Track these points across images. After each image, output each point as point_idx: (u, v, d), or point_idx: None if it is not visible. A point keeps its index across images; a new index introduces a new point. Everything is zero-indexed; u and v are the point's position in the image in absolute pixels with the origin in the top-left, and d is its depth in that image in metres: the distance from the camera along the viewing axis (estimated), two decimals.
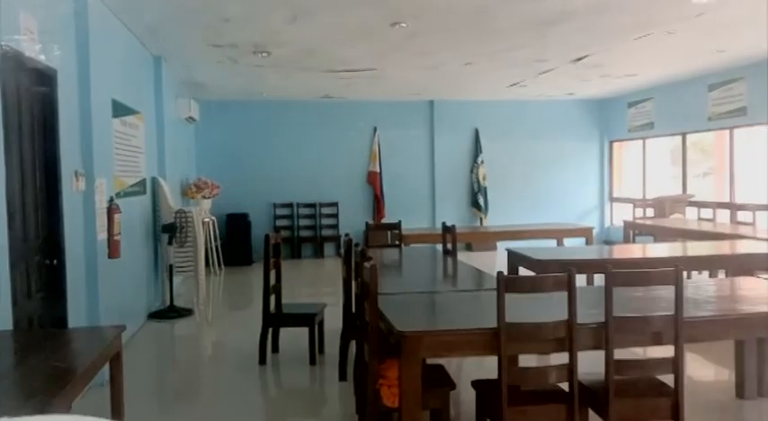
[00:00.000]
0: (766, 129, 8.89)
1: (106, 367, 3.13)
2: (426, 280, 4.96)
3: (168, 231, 6.84)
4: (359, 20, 6.06)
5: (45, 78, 4.08)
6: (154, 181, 7.13)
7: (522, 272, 5.28)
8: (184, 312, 6.92)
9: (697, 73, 9.56)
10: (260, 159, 11.54)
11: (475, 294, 3.89)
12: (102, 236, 4.90)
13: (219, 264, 10.17)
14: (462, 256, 7.00)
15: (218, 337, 6.51)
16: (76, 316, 4.34)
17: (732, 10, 5.91)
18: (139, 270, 6.45)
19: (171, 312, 6.84)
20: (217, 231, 10.17)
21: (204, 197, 9.55)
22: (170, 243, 6.86)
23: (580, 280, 5.00)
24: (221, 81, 9.39)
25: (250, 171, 11.46)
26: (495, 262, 9.45)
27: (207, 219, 9.50)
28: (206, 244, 9.13)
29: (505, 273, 5.52)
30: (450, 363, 4.75)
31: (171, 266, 6.96)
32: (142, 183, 6.60)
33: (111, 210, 5.03)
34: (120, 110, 5.73)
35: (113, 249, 5.04)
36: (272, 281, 5.14)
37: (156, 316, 6.76)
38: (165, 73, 7.73)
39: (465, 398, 3.95)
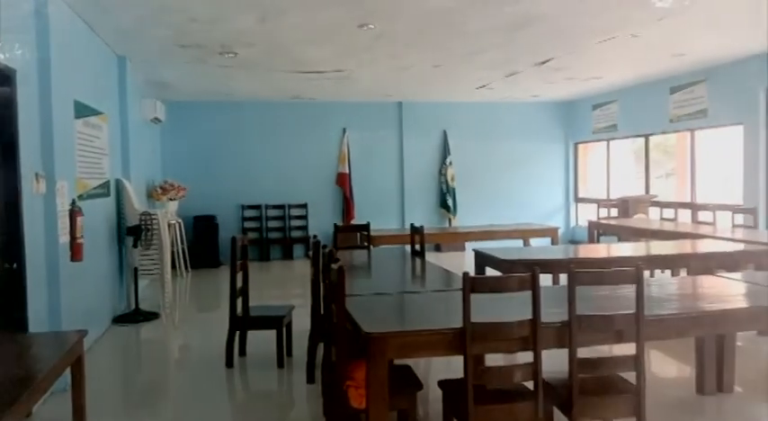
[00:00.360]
0: (726, 131, 9.13)
1: (68, 372, 3.08)
2: (394, 281, 4.97)
3: (133, 234, 6.73)
4: (326, 21, 6.06)
5: (3, 78, 3.99)
6: (118, 183, 7.02)
7: (490, 272, 5.34)
8: (150, 316, 6.82)
9: (659, 76, 9.77)
10: (228, 161, 11.44)
11: (442, 295, 3.91)
12: (65, 239, 4.81)
13: (186, 267, 10.05)
14: (431, 257, 7.04)
15: (184, 341, 6.43)
16: (37, 320, 4.25)
17: (693, 14, 6.06)
18: (103, 273, 6.34)
19: (136, 316, 6.73)
20: (183, 233, 10.06)
21: (170, 199, 9.43)
22: (135, 246, 6.76)
23: (546, 279, 5.07)
24: (188, 82, 9.29)
25: (218, 172, 11.36)
26: (464, 262, 9.53)
27: (173, 222, 9.38)
28: (172, 246, 9.01)
29: (473, 273, 5.60)
30: (419, 364, 4.78)
31: (136, 269, 6.86)
32: (106, 185, 6.49)
33: (74, 213, 4.94)
34: (82, 110, 5.63)
35: (76, 252, 4.94)
36: (240, 283, 5.10)
37: (121, 320, 6.65)
38: (130, 73, 7.61)
39: (433, 398, 3.98)
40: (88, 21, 5.87)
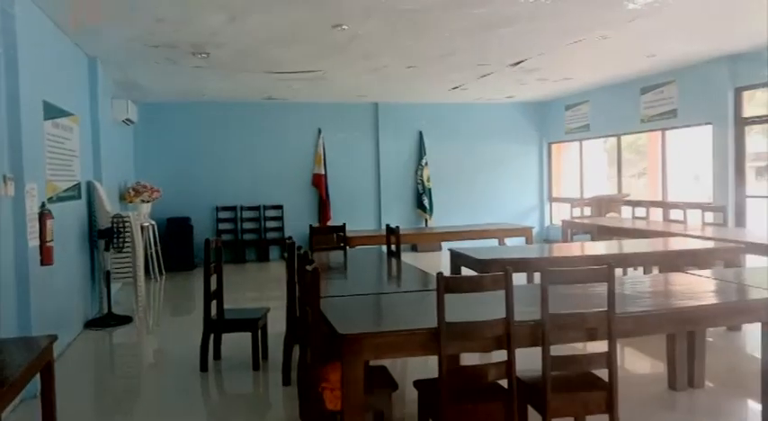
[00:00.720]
0: (696, 131, 9.29)
1: (38, 378, 3.03)
2: (370, 282, 4.97)
3: (105, 236, 6.64)
4: (299, 22, 6.04)
5: None
6: (89, 185, 6.92)
7: (465, 271, 5.36)
8: (123, 320, 6.73)
9: (630, 76, 9.91)
10: (202, 162, 11.34)
11: (417, 295, 3.92)
12: (34, 242, 4.72)
13: (160, 270, 9.94)
14: (408, 257, 7.06)
15: (158, 345, 6.35)
16: (7, 325, 4.17)
17: (662, 16, 6.15)
18: (75, 277, 6.24)
19: (109, 320, 6.64)
20: (157, 236, 9.94)
21: (143, 201, 9.32)
22: (107, 249, 6.66)
23: (521, 278, 5.12)
24: (160, 82, 9.19)
25: (192, 174, 11.26)
26: (441, 262, 9.58)
27: (146, 224, 9.27)
28: (145, 249, 8.91)
29: (449, 273, 5.63)
30: (396, 364, 4.79)
31: (108, 273, 6.76)
32: (77, 187, 6.38)
33: (44, 216, 4.85)
34: (52, 112, 5.53)
35: (46, 256, 4.86)
36: (214, 286, 5.05)
37: (93, 324, 6.55)
38: (101, 74, 7.50)
39: (409, 399, 3.98)
40: (56, 20, 5.77)
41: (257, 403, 4.52)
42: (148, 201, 9.48)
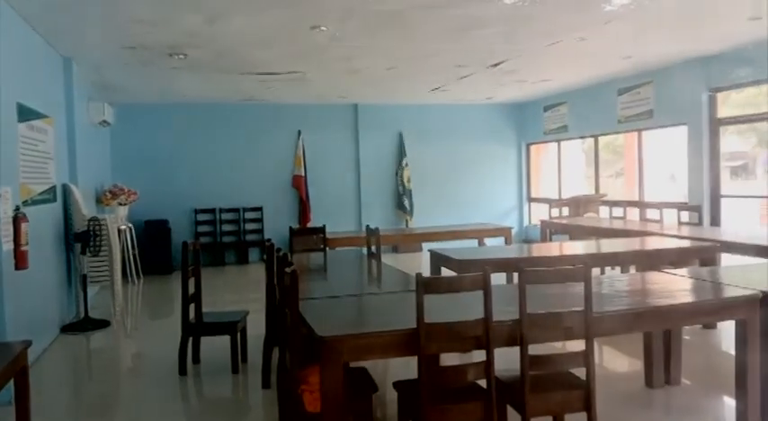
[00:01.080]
0: (671, 131, 9.42)
1: (12, 384, 2.98)
2: (350, 283, 4.96)
3: (81, 240, 6.55)
4: (278, 23, 6.02)
5: None
6: (65, 188, 6.83)
7: (445, 272, 5.37)
8: (100, 324, 6.65)
9: (607, 78, 10.02)
10: (180, 164, 11.25)
11: (397, 296, 3.92)
12: (8, 246, 4.65)
13: (138, 273, 9.83)
14: (389, 258, 7.06)
15: (136, 349, 6.28)
16: None
17: (638, 18, 6.23)
18: (50, 281, 6.15)
19: (86, 324, 6.55)
20: (134, 239, 9.83)
21: (120, 204, 9.21)
22: (83, 252, 6.58)
23: (500, 278, 5.15)
24: (137, 83, 9.10)
25: (170, 176, 11.16)
26: (421, 263, 9.59)
27: (123, 227, 9.17)
28: (123, 252, 8.82)
29: (429, 273, 5.64)
30: (377, 366, 4.79)
31: (85, 276, 6.67)
32: (52, 190, 6.30)
33: (18, 219, 4.78)
34: (26, 114, 5.45)
35: (21, 260, 4.79)
36: (192, 289, 5.01)
37: (69, 328, 6.47)
38: (76, 75, 7.41)
39: (390, 400, 3.98)
40: (30, 20, 5.69)
41: (236, 407, 4.49)
42: (125, 204, 9.38)
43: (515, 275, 5.52)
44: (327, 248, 6.84)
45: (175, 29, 6.13)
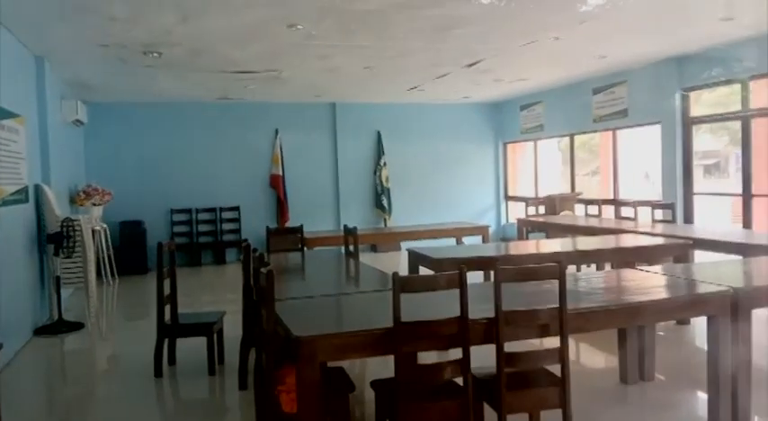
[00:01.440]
0: (645, 130, 9.54)
1: None
2: (327, 283, 4.94)
3: (54, 241, 6.45)
4: (254, 21, 5.98)
5: None
6: (37, 188, 6.72)
7: (423, 271, 5.39)
8: (74, 326, 6.55)
9: (582, 77, 10.11)
10: (156, 163, 11.13)
11: (375, 295, 3.91)
12: None
13: (113, 274, 9.71)
14: (368, 257, 7.06)
15: (111, 351, 6.21)
16: None
17: (612, 18, 6.29)
18: (22, 283, 6.05)
19: (59, 327, 6.45)
20: (109, 240, 9.70)
21: (94, 204, 9.08)
22: (56, 254, 6.48)
23: (477, 276, 5.17)
24: (111, 82, 8.98)
25: (145, 176, 11.04)
26: (400, 262, 9.59)
27: (98, 228, 9.04)
28: (97, 253, 8.70)
29: (407, 272, 5.64)
30: (355, 365, 4.79)
31: (58, 278, 6.57)
32: (24, 190, 6.19)
33: None
34: None
35: None
36: (168, 290, 4.96)
37: (43, 331, 6.36)
38: (49, 74, 7.30)
39: (369, 399, 3.98)
40: (0, 19, 5.59)
41: (213, 408, 4.46)
42: (100, 205, 9.25)
43: (492, 273, 5.56)
44: (305, 248, 6.81)
45: (150, 27, 6.06)
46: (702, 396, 3.80)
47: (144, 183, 10.99)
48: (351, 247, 6.02)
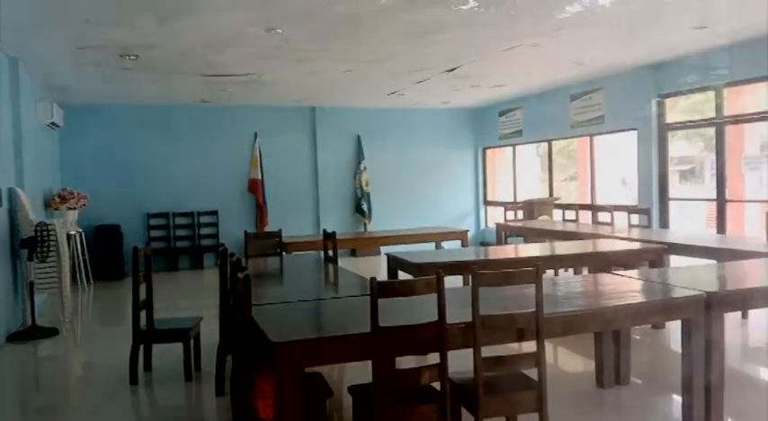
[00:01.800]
0: (622, 136, 9.66)
1: None
2: (306, 288, 4.92)
3: (28, 246, 6.35)
4: (232, 24, 5.95)
5: None
6: (11, 192, 6.61)
7: (402, 275, 5.39)
8: (49, 332, 6.45)
9: (560, 84, 10.22)
10: (133, 167, 11.00)
11: (353, 300, 3.90)
12: None
13: (88, 280, 9.58)
14: (347, 262, 7.04)
15: (86, 357, 6.11)
16: None
17: (589, 26, 6.37)
18: None
19: (33, 332, 6.35)
20: (84, 244, 9.57)
21: (69, 208, 8.96)
22: (30, 258, 6.37)
23: (456, 281, 5.18)
24: (87, 85, 8.88)
25: (122, 180, 10.90)
26: (379, 266, 9.58)
27: (73, 232, 8.92)
28: (72, 258, 8.58)
29: (386, 277, 5.64)
30: (334, 370, 4.77)
31: (32, 283, 6.46)
32: None
33: None
34: None
35: None
36: (144, 295, 4.90)
37: (16, 337, 6.25)
38: (23, 76, 7.19)
39: (347, 405, 3.96)
40: None
41: (189, 415, 4.40)
42: (75, 209, 9.12)
43: (471, 278, 5.57)
44: (284, 253, 6.78)
45: (127, 29, 6.00)
46: (677, 399, 3.84)
47: (120, 187, 10.86)
48: (330, 252, 6.00)
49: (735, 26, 6.63)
